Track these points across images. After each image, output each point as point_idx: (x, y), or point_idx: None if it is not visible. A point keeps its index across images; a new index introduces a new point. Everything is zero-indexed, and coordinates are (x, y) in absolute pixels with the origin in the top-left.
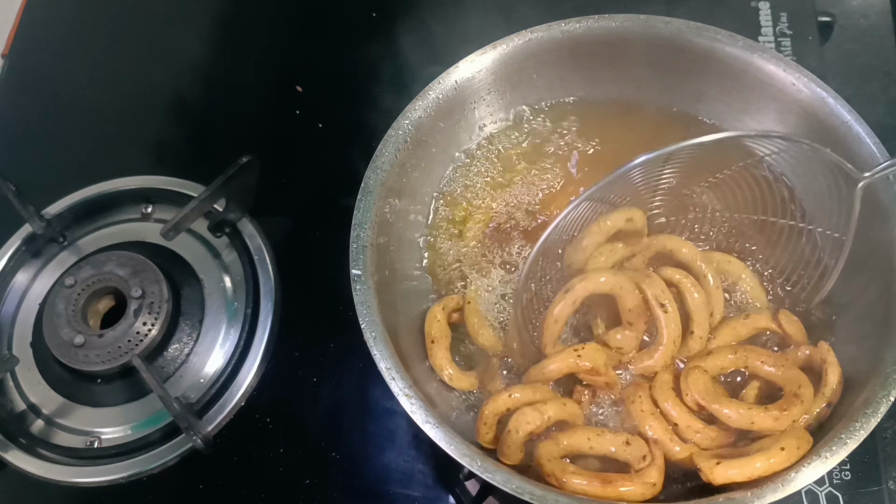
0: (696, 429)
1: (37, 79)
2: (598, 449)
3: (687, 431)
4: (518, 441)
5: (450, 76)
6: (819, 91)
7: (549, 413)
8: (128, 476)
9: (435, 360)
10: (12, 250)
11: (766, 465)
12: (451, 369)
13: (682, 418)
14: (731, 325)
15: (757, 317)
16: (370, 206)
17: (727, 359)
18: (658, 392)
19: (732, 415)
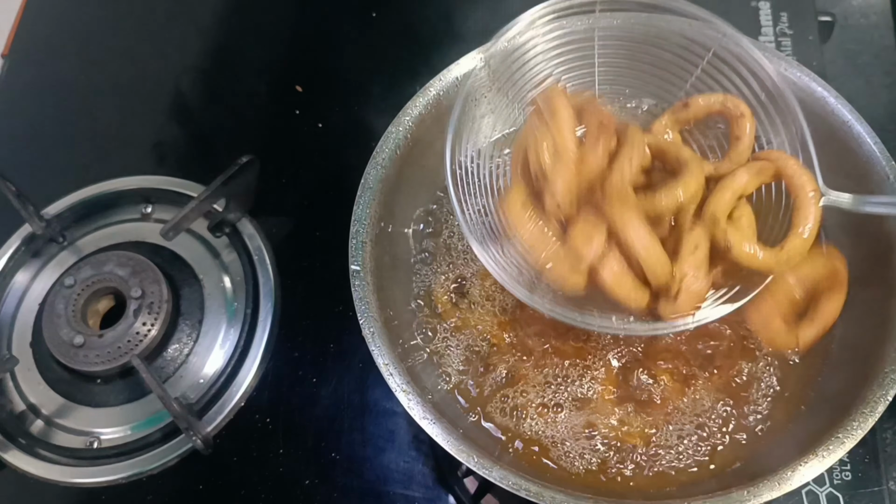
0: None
1: (37, 79)
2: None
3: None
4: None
5: (450, 73)
6: (820, 91)
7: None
8: (127, 476)
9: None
10: (12, 250)
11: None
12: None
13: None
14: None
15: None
16: (370, 202)
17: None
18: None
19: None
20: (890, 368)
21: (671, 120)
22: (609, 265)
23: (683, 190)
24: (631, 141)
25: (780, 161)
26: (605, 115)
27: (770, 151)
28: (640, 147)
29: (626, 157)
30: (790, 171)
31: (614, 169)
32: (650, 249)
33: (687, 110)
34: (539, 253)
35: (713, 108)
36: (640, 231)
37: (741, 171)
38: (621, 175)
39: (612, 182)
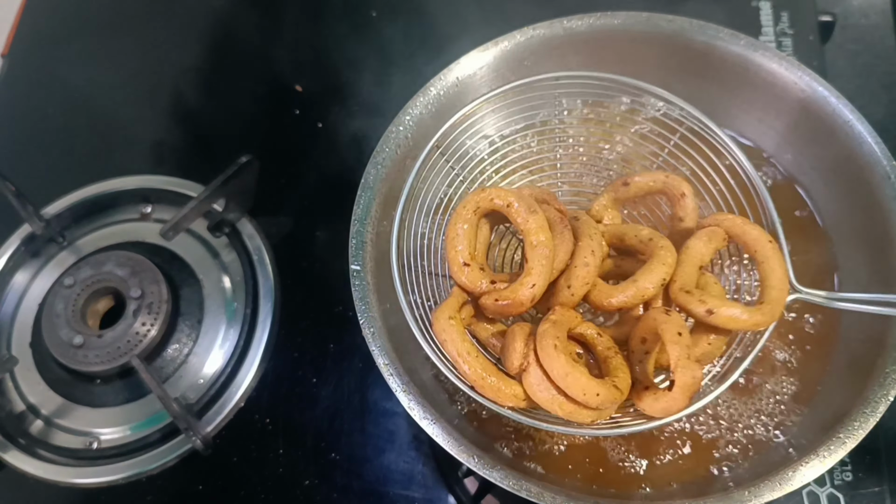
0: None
1: (37, 79)
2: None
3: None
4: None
5: (451, 73)
6: (820, 90)
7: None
8: (127, 477)
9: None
10: (11, 250)
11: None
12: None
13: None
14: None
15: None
16: (370, 201)
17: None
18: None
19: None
20: (890, 368)
21: (610, 199)
22: (529, 378)
23: (664, 269)
24: (588, 234)
25: (727, 222)
26: (562, 207)
27: (714, 216)
28: (597, 240)
29: (586, 251)
30: (739, 229)
31: (574, 275)
32: (572, 380)
33: (626, 189)
34: (468, 367)
35: (654, 188)
36: (578, 378)
37: (694, 243)
38: (577, 285)
39: (559, 298)
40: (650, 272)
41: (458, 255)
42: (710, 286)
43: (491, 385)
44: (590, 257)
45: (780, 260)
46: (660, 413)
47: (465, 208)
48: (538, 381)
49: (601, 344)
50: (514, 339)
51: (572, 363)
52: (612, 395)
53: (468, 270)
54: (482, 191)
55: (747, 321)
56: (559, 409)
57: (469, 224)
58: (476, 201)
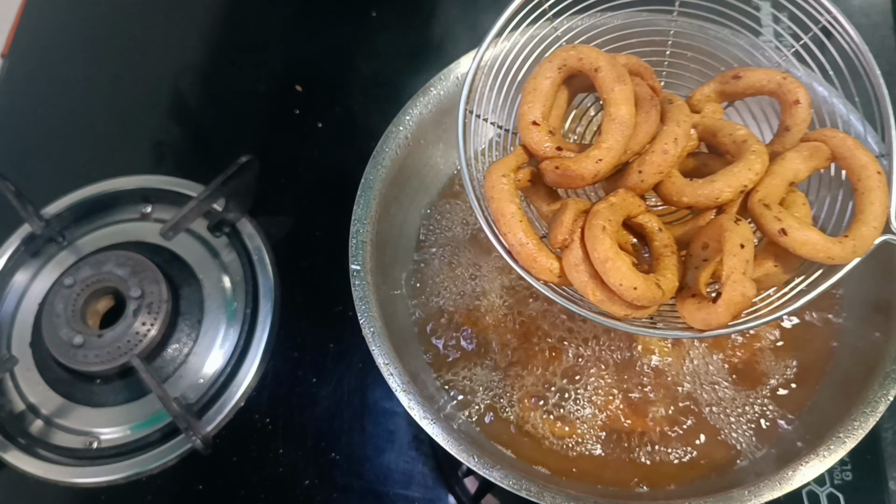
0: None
1: (37, 79)
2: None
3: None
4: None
5: (451, 73)
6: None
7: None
8: (127, 476)
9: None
10: (11, 250)
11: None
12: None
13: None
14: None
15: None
16: (370, 201)
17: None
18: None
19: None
20: (891, 368)
21: (715, 90)
22: (569, 256)
23: (748, 175)
24: (676, 119)
25: (835, 140)
26: (657, 85)
27: (822, 130)
28: (683, 128)
29: (668, 137)
30: (848, 151)
31: (648, 160)
32: (611, 267)
33: (736, 83)
34: (508, 230)
35: (767, 87)
36: (618, 266)
37: (792, 156)
38: (648, 172)
39: (626, 182)
40: (731, 175)
41: (529, 111)
42: (796, 205)
43: (528, 253)
44: (671, 145)
45: (882, 194)
46: (698, 323)
47: (550, 63)
48: (578, 260)
49: (659, 239)
50: (563, 212)
51: (616, 250)
52: (651, 293)
53: (536, 130)
54: (572, 48)
55: (821, 251)
56: (591, 295)
57: (550, 81)
58: (563, 58)
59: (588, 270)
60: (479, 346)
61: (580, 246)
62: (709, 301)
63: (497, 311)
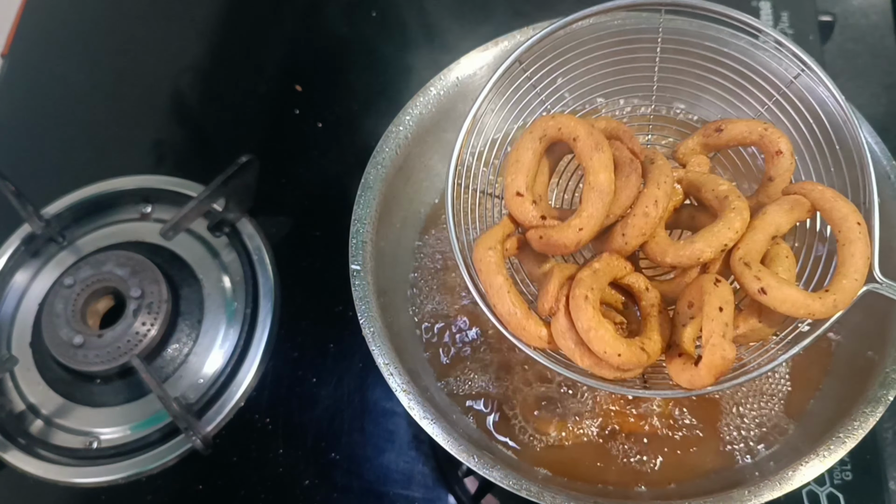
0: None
1: (37, 79)
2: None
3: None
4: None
5: (451, 73)
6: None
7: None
8: (127, 476)
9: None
10: (11, 250)
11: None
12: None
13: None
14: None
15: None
16: (370, 201)
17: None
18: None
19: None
20: (890, 368)
21: (699, 143)
22: (556, 324)
23: (728, 234)
24: (657, 181)
25: (815, 192)
26: (637, 147)
27: (802, 183)
28: (664, 189)
29: (648, 200)
30: (829, 202)
31: (630, 223)
32: (594, 336)
33: (719, 136)
34: (497, 301)
35: (749, 138)
36: (601, 335)
37: (773, 210)
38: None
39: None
40: (712, 234)
41: (513, 182)
42: (779, 258)
43: (517, 322)
44: (651, 207)
45: (863, 246)
46: (684, 383)
47: (531, 134)
48: (564, 329)
49: (646, 299)
50: (549, 281)
51: (598, 319)
52: (636, 358)
53: (520, 201)
54: (551, 118)
55: (801, 308)
56: (580, 361)
57: (532, 152)
58: (543, 128)
59: (574, 338)
60: (480, 345)
61: (566, 315)
62: (692, 362)
63: None
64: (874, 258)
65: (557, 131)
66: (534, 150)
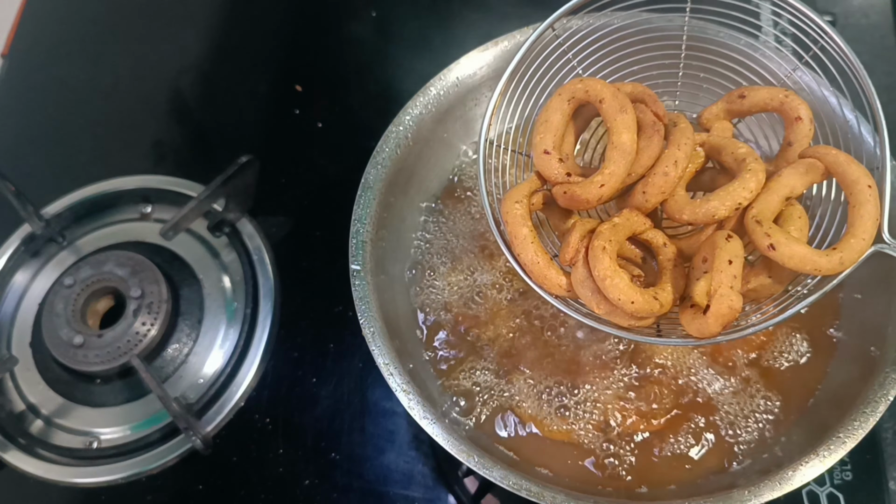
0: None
1: (37, 79)
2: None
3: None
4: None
5: (451, 73)
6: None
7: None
8: (127, 476)
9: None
10: (11, 250)
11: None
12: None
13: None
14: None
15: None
16: (370, 201)
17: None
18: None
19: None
20: (890, 368)
21: (723, 109)
22: (575, 273)
23: (742, 193)
24: (677, 143)
25: (829, 156)
26: (661, 111)
27: (816, 147)
28: (684, 151)
29: (669, 160)
30: (841, 166)
31: (651, 182)
32: (610, 284)
33: (742, 102)
34: (522, 250)
35: (771, 105)
36: (616, 283)
37: (788, 172)
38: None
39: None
40: (727, 193)
41: (542, 141)
42: (792, 219)
43: (539, 270)
44: (671, 167)
45: (873, 208)
46: (694, 332)
47: (560, 97)
48: (582, 277)
49: (664, 254)
50: (571, 233)
51: (614, 268)
52: (649, 306)
53: (547, 159)
54: (579, 81)
55: (808, 264)
56: (596, 308)
57: (561, 113)
58: (571, 91)
59: (592, 286)
60: (480, 345)
61: (584, 264)
62: (702, 312)
63: (498, 310)
64: (883, 220)
65: (585, 93)
66: (562, 111)
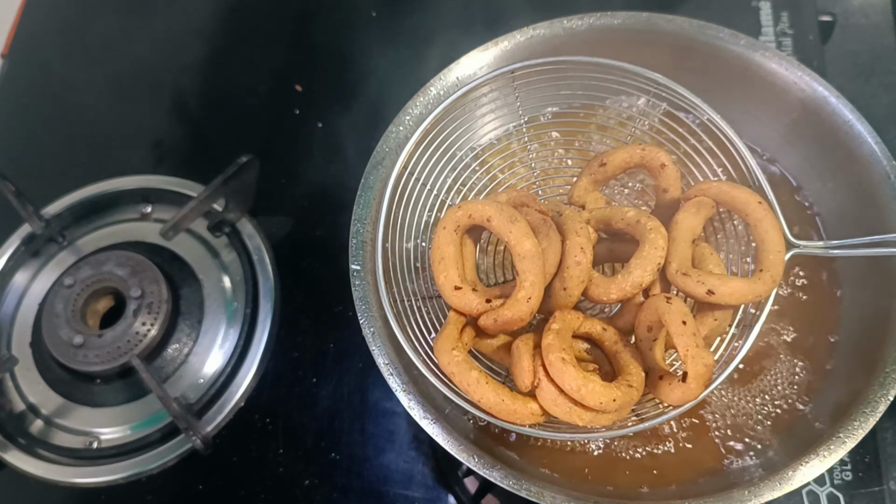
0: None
1: (37, 79)
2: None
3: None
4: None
5: (451, 73)
6: (820, 90)
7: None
8: (127, 476)
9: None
10: (11, 250)
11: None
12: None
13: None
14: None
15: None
16: (370, 201)
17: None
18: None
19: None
20: (891, 368)
21: (589, 182)
22: (544, 395)
23: (657, 254)
24: (574, 229)
25: (713, 189)
26: (542, 207)
27: (698, 186)
28: (584, 235)
29: (575, 249)
30: (727, 195)
31: (568, 276)
32: (587, 392)
33: (604, 170)
34: (480, 395)
35: (632, 162)
36: (592, 389)
37: (683, 217)
38: (572, 288)
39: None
40: (644, 259)
41: (447, 279)
42: (706, 258)
43: (507, 409)
44: (580, 255)
45: (772, 220)
46: (677, 402)
47: (445, 230)
48: (553, 396)
49: (608, 339)
50: (520, 358)
51: (584, 375)
52: (630, 397)
53: (461, 294)
54: (458, 208)
55: (749, 295)
56: (578, 420)
57: (453, 245)
58: (454, 220)
59: (565, 401)
60: None
61: (549, 383)
62: (678, 380)
63: None
64: (785, 228)
65: (469, 218)
66: (454, 242)
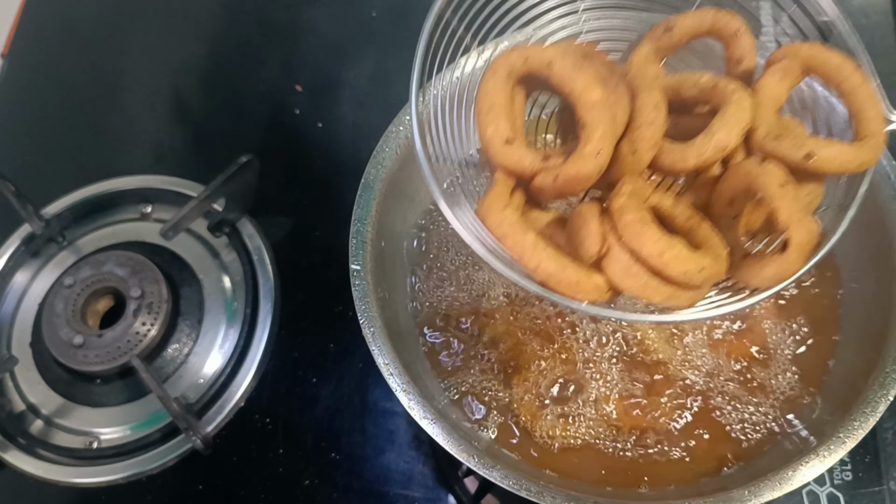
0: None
1: (37, 79)
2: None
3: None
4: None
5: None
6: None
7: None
8: (127, 476)
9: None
10: (11, 250)
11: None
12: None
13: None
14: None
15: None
16: (370, 201)
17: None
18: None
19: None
20: (891, 368)
21: (651, 50)
22: (615, 264)
23: (743, 115)
24: (647, 86)
25: (804, 50)
26: (615, 67)
27: (785, 48)
28: (659, 92)
29: (649, 106)
30: (820, 58)
31: (639, 136)
32: (671, 257)
33: (670, 35)
34: (537, 262)
35: (701, 29)
36: (678, 254)
37: (766, 82)
38: (641, 151)
39: (628, 162)
40: (729, 121)
41: (496, 131)
42: (794, 130)
43: (569, 279)
44: (654, 113)
45: (870, 86)
46: (771, 281)
47: (496, 75)
48: (625, 265)
49: (681, 214)
50: (586, 221)
51: (669, 237)
52: (718, 267)
53: (513, 149)
54: (513, 51)
55: (853, 161)
56: (655, 295)
57: (504, 93)
58: (508, 65)
59: (641, 271)
60: (481, 346)
61: (622, 249)
62: (773, 255)
63: (499, 311)
64: (885, 98)
65: (524, 63)
66: (504, 91)
